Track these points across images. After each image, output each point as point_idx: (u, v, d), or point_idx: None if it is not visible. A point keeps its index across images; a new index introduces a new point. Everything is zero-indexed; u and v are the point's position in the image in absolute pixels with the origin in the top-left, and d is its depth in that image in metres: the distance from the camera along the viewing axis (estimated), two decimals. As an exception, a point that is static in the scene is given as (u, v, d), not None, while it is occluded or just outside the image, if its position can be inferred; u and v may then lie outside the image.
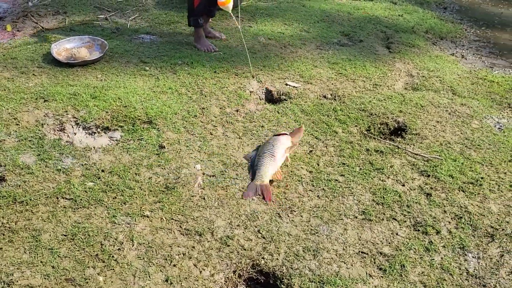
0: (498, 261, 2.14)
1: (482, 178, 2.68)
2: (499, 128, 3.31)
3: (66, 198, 2.31)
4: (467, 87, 3.96)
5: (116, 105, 3.10)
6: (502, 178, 2.70)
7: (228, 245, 2.14)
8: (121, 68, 3.72)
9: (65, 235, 2.09)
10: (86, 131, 2.91)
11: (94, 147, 2.73)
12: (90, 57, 3.79)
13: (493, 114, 3.51)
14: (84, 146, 2.75)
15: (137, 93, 3.29)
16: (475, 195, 2.55)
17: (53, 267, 1.93)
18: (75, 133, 2.88)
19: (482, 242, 2.25)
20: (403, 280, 2.02)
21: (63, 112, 2.97)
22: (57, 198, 2.30)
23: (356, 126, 3.18)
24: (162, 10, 5.08)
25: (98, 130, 2.92)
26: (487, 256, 2.17)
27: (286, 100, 3.48)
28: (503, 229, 2.32)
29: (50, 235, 2.08)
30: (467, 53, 4.99)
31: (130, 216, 2.24)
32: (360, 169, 2.73)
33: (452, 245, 2.22)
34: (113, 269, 1.95)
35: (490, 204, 2.50)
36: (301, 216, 2.35)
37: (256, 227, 2.26)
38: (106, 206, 2.28)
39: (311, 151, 2.86)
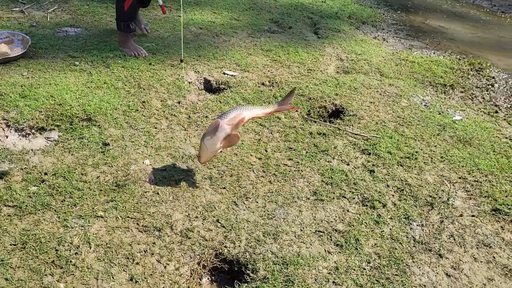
0: (439, 227, 2.34)
1: (416, 152, 2.89)
2: (425, 105, 3.58)
3: (9, 206, 2.16)
4: (392, 68, 4.22)
5: (49, 104, 2.92)
6: (434, 151, 2.94)
7: (189, 238, 2.13)
8: (48, 64, 3.50)
9: (14, 244, 1.96)
10: (19, 133, 2.72)
11: (32, 150, 2.57)
12: (11, 53, 3.52)
13: (418, 92, 3.78)
14: (20, 149, 2.57)
15: (71, 89, 3.13)
16: (412, 168, 2.75)
17: (6, 279, 1.81)
18: (6, 136, 2.68)
19: (423, 211, 2.44)
20: (359, 253, 2.14)
21: (-9, 114, 2.75)
22: (-1, 206, 2.15)
23: (297, 111, 3.28)
24: (83, 1, 4.83)
25: (33, 131, 2.74)
26: (429, 223, 2.36)
27: (226, 89, 3.49)
28: (440, 197, 2.54)
29: (-3, 246, 1.95)
30: (387, 36, 5.29)
31: (83, 218, 2.15)
32: (307, 152, 2.83)
33: (398, 216, 2.39)
34: (73, 274, 1.87)
35: (426, 175, 2.71)
36: (257, 202, 2.40)
37: (214, 217, 2.27)
38: (55, 210, 2.17)
39: (258, 139, 2.91)
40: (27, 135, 2.72)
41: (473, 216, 2.43)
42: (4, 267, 1.86)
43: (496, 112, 3.66)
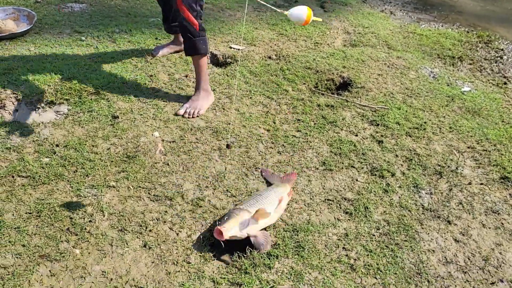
0: (448, 195, 2.36)
1: (425, 122, 2.89)
2: (433, 77, 3.55)
3: (23, 176, 2.19)
4: (400, 41, 4.18)
5: (58, 78, 2.93)
6: (442, 121, 2.93)
7: (200, 206, 2.16)
8: (55, 39, 3.50)
9: (29, 213, 2.00)
10: (29, 107, 2.73)
11: (42, 122, 2.59)
12: (18, 29, 3.52)
13: (426, 64, 3.75)
14: (31, 122, 2.59)
15: (78, 64, 3.13)
16: (420, 138, 2.76)
17: (23, 245, 1.85)
18: (17, 110, 2.70)
19: (432, 179, 2.45)
20: (368, 220, 2.16)
21: (0, 88, 2.76)
22: (13, 177, 2.18)
23: (304, 83, 3.27)
24: (88, -23, 4.78)
25: (42, 105, 2.75)
26: (438, 191, 2.38)
27: (233, 63, 3.47)
28: (448, 166, 2.54)
29: (13, 215, 1.98)
30: (394, 9, 5.23)
31: (96, 188, 2.17)
32: (315, 123, 2.83)
33: (407, 185, 2.40)
34: (88, 241, 1.91)
35: (434, 145, 2.71)
36: (266, 172, 2.42)
37: (224, 187, 2.29)
38: (68, 180, 2.20)
39: (266, 111, 2.91)
40: (37, 109, 2.73)
41: (481, 184, 2.44)
42: (21, 234, 1.89)
43: (505, 83, 3.63)
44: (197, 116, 2.77)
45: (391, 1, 5.51)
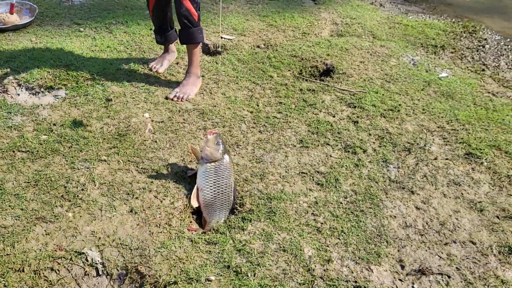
0: (414, 168, 2.54)
1: (399, 105, 3.07)
2: (413, 64, 3.73)
3: (23, 151, 2.41)
4: (385, 31, 4.36)
5: (56, 65, 3.15)
6: (416, 104, 3.11)
7: (184, 178, 2.36)
8: (55, 30, 3.72)
9: (28, 182, 2.21)
10: (30, 91, 2.95)
11: (41, 105, 2.81)
12: (20, 21, 3.75)
13: (408, 52, 3.92)
14: (31, 104, 2.81)
15: (76, 53, 3.35)
16: (394, 119, 2.94)
17: (22, 209, 2.06)
18: (18, 94, 2.92)
19: (401, 155, 2.64)
20: (338, 190, 2.36)
21: (3, 74, 2.98)
22: (13, 151, 2.40)
23: (289, 70, 3.46)
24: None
25: (42, 89, 2.97)
26: (405, 165, 2.56)
27: (223, 52, 3.67)
28: (417, 144, 2.73)
29: (13, 184, 2.20)
30: (384, 2, 5.39)
31: (88, 162, 2.39)
32: (295, 106, 3.02)
33: (376, 160, 2.59)
34: (80, 206, 2.12)
35: (407, 125, 2.89)
36: (247, 149, 2.61)
37: (207, 161, 2.49)
38: (63, 155, 2.41)
39: (251, 95, 3.11)
40: (36, 93, 2.95)
41: (447, 159, 2.63)
42: (20, 199, 2.11)
43: (483, 70, 3.80)
44: (186, 100, 2.98)
45: (382, -6, 5.68)
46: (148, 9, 3.14)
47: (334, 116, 2.95)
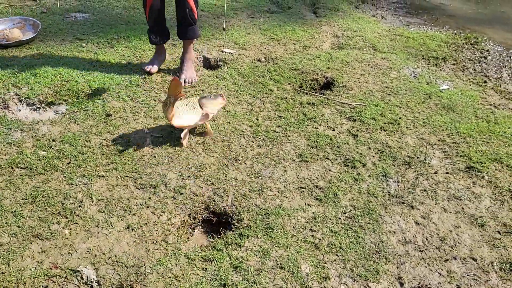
0: (414, 183, 2.52)
1: (400, 118, 3.06)
2: (414, 76, 3.72)
3: (21, 167, 2.42)
4: (386, 43, 4.36)
5: (58, 80, 3.17)
6: (417, 117, 3.10)
7: (182, 193, 2.35)
8: (57, 46, 3.76)
9: (25, 199, 2.22)
10: (31, 107, 2.97)
11: (41, 120, 2.82)
12: (23, 37, 3.79)
13: (409, 65, 3.92)
14: (31, 120, 2.83)
15: (77, 68, 3.37)
16: (394, 132, 2.92)
17: (18, 226, 2.06)
18: (19, 110, 2.94)
19: (400, 169, 2.62)
20: (336, 206, 2.34)
21: (5, 90, 3.01)
22: (12, 168, 2.41)
23: (289, 84, 3.46)
24: (91, -12, 5.06)
25: (43, 105, 2.99)
26: (405, 179, 2.54)
27: (223, 66, 3.69)
28: (417, 157, 2.71)
29: (10, 200, 2.20)
30: (386, 14, 5.40)
31: (86, 177, 2.39)
32: (295, 119, 3.02)
33: (376, 174, 2.57)
34: (77, 223, 2.12)
35: (407, 138, 2.88)
36: (245, 163, 2.61)
37: (205, 176, 2.48)
38: (61, 171, 2.42)
39: (251, 109, 3.11)
40: (37, 109, 2.97)
41: (447, 173, 2.60)
42: (17, 217, 2.11)
43: (485, 82, 3.78)
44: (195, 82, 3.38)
45: (384, 6, 5.70)
46: (144, 8, 3.23)
47: (333, 130, 2.94)
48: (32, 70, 3.27)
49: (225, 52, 3.89)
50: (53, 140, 2.64)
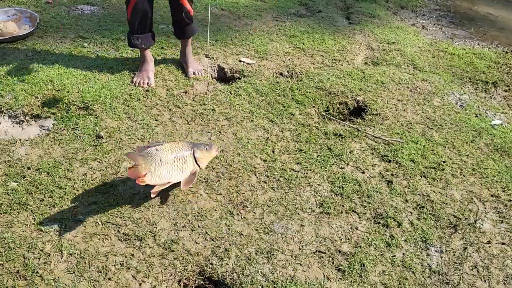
0: (461, 255, 2.03)
1: (444, 162, 2.55)
2: (460, 105, 3.19)
3: (-16, 203, 2.01)
4: (428, 60, 3.82)
5: (47, 89, 2.76)
6: (465, 161, 2.58)
7: (173, 251, 1.91)
8: (56, 44, 3.35)
9: (-20, 249, 1.81)
10: (13, 120, 2.57)
11: (20, 140, 2.41)
12: (19, 31, 3.38)
13: (454, 89, 3.38)
14: (8, 139, 2.42)
15: (73, 74, 2.95)
16: (437, 181, 2.42)
17: (-37, 290, 1.66)
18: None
19: (445, 234, 2.12)
20: (363, 282, 1.87)
21: (-15, 98, 2.61)
22: (-27, 203, 2.00)
23: (314, 106, 2.98)
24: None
25: (27, 118, 2.59)
26: (450, 249, 2.05)
27: (240, 79, 3.22)
28: (466, 218, 2.21)
29: (-39, 250, 1.80)
30: (427, 23, 4.84)
31: (60, 222, 1.97)
32: (318, 155, 2.54)
33: (414, 239, 2.08)
34: (37, 287, 1.70)
35: (452, 190, 2.37)
36: (254, 212, 2.15)
37: (204, 227, 2.04)
38: (31, 211, 2.00)
39: (266, 138, 2.64)
40: (20, 122, 2.57)
41: (503, 244, 2.10)
42: (-36, 275, 1.71)
43: (544, 116, 3.22)
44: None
45: (425, 14, 5.12)
46: (126, 6, 2.81)
47: (363, 172, 2.45)
48: (21, 74, 2.86)
49: (244, 62, 3.42)
50: (29, 168, 2.22)
